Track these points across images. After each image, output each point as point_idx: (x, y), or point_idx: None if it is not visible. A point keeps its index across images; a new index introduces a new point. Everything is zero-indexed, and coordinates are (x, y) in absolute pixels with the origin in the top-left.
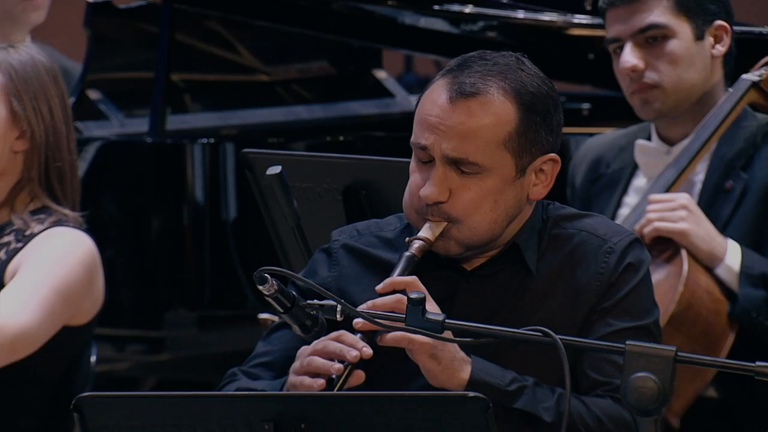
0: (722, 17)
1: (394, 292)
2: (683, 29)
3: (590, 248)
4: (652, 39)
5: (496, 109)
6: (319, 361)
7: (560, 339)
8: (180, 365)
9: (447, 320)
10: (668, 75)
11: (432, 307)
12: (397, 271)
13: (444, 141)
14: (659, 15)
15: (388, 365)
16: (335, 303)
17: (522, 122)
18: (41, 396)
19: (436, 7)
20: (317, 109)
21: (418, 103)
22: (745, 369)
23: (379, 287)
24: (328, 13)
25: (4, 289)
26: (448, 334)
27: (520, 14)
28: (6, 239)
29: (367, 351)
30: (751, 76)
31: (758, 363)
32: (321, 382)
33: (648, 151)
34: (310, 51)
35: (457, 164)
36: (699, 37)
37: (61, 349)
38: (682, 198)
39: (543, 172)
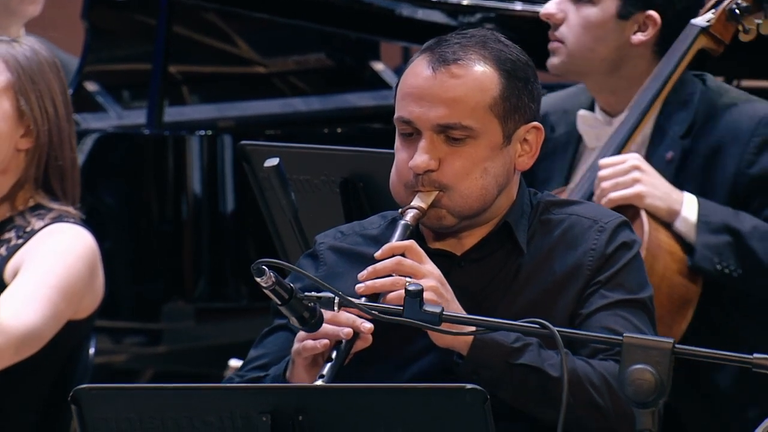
0: None
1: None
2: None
3: (581, 229)
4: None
5: (479, 75)
6: (328, 327)
7: (558, 331)
8: (177, 357)
9: (444, 313)
10: (574, 39)
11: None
12: (395, 238)
13: (431, 110)
14: None
15: (384, 353)
16: (333, 294)
17: (505, 87)
18: (41, 390)
19: None
20: (315, 101)
21: (397, 84)
22: (743, 361)
23: (377, 253)
24: (325, 5)
25: (8, 289)
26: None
27: (518, 6)
28: (7, 236)
29: (367, 326)
30: (700, 21)
31: (756, 355)
32: (325, 342)
33: (590, 121)
34: (307, 43)
35: (446, 132)
36: (623, 16)
37: (62, 343)
38: (633, 159)
39: (527, 142)
